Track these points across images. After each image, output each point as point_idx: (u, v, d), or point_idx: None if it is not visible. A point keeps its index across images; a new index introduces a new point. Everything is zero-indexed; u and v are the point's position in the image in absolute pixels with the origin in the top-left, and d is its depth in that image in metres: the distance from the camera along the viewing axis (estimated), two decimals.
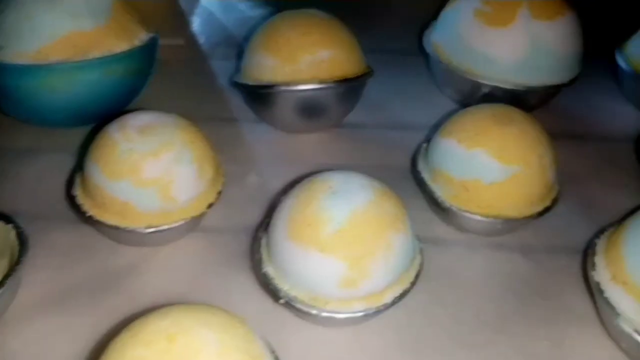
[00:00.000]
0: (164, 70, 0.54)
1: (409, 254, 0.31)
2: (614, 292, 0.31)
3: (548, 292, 0.36)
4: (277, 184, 0.43)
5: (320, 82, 0.42)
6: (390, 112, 0.52)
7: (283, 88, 0.42)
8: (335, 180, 0.31)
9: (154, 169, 0.34)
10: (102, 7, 0.43)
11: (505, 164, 0.35)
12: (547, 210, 0.37)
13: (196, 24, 0.66)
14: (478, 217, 0.36)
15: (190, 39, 0.64)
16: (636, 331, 0.29)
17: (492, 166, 0.35)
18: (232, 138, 0.49)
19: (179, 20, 0.67)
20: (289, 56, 0.42)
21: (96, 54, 0.42)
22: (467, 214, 0.36)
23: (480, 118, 0.36)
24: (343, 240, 0.29)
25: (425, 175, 0.39)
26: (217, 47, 0.62)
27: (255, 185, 0.44)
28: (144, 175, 0.33)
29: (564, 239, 0.40)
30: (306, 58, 0.42)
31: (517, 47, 0.44)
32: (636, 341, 0.29)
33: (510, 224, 0.36)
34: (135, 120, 0.35)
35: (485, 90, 0.46)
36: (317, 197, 0.30)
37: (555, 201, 0.38)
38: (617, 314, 0.30)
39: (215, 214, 0.40)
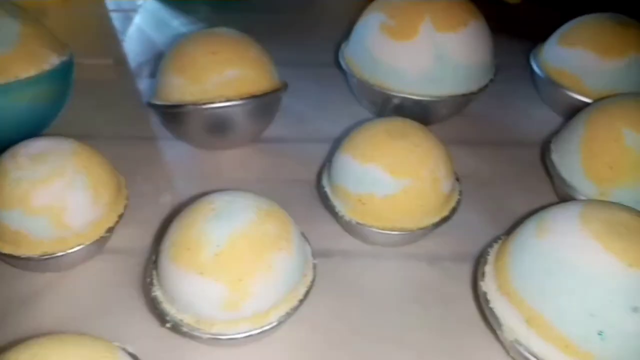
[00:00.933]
0: (87, 91, 0.54)
1: (295, 272, 0.31)
2: (499, 303, 0.31)
3: (452, 301, 0.37)
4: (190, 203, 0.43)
5: (227, 100, 0.42)
6: (310, 125, 0.52)
7: (190, 107, 0.42)
8: (219, 202, 0.31)
9: (44, 197, 0.34)
10: (7, 35, 0.43)
11: (396, 177, 0.35)
12: (444, 220, 0.37)
13: (127, 42, 0.66)
14: (375, 230, 0.36)
15: (120, 57, 0.63)
16: (517, 341, 0.30)
17: (384, 180, 0.35)
18: (150, 157, 0.49)
19: (110, 39, 0.67)
20: (196, 76, 0.42)
21: (1, 81, 0.42)
22: (364, 227, 0.37)
23: (374, 133, 0.37)
24: (222, 263, 0.29)
25: (328, 190, 0.39)
26: (145, 66, 0.62)
27: (168, 204, 0.44)
28: (34, 204, 0.33)
29: (470, 246, 0.40)
30: (213, 77, 0.42)
31: (422, 60, 0.44)
32: (519, 351, 0.30)
33: (407, 236, 0.37)
34: (28, 148, 0.35)
35: (396, 101, 0.46)
36: (198, 219, 0.31)
37: (454, 210, 0.38)
38: (500, 325, 0.30)
39: (124, 236, 0.40)
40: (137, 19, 0.71)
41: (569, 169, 0.40)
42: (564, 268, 0.28)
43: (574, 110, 0.44)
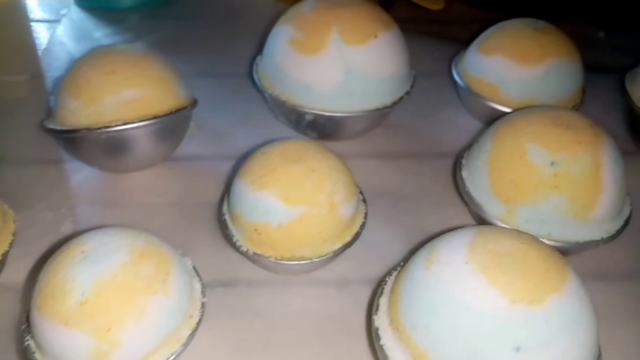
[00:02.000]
0: None
1: (175, 316, 0.30)
2: (389, 339, 0.30)
3: (353, 333, 0.35)
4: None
5: (125, 122, 0.40)
6: (227, 142, 0.50)
7: (83, 132, 0.40)
8: (91, 243, 0.29)
9: None
10: None
11: (291, 205, 0.34)
12: (346, 246, 0.36)
13: (45, 56, 0.63)
14: (272, 260, 0.35)
15: (35, 73, 0.60)
16: None
17: (278, 208, 0.34)
18: (55, 182, 0.46)
19: (27, 54, 0.64)
20: (91, 98, 0.40)
21: None
22: (262, 257, 0.35)
23: (269, 157, 0.35)
24: (87, 312, 0.27)
25: (227, 218, 0.37)
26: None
27: (70, 234, 0.42)
28: None
29: (380, 269, 0.39)
30: (109, 99, 0.40)
31: (331, 74, 0.43)
32: None
33: (307, 265, 0.35)
34: None
35: (308, 118, 0.45)
36: (66, 263, 0.29)
37: (357, 235, 0.37)
38: None
39: (17, 271, 0.38)
40: (59, 30, 0.67)
41: (477, 186, 0.39)
42: (448, 304, 0.27)
43: (494, 120, 0.43)
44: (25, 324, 0.31)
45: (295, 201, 0.34)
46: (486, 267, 0.27)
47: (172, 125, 0.43)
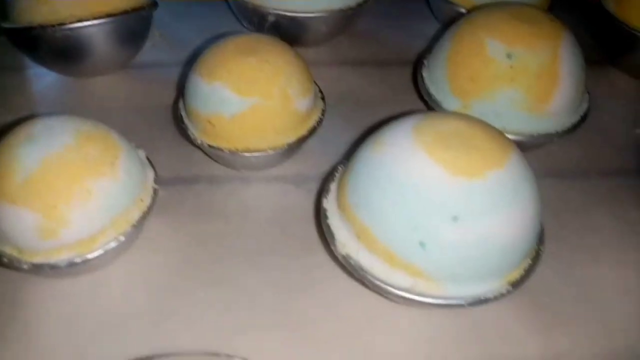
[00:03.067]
0: None
1: (123, 198, 0.30)
2: (335, 219, 0.30)
3: (312, 218, 0.36)
4: None
5: (79, 20, 0.39)
6: (189, 49, 0.49)
7: (37, 29, 0.39)
8: (38, 126, 0.29)
9: None
10: None
11: (242, 95, 0.33)
12: (302, 140, 0.36)
13: None
14: (227, 152, 0.35)
15: None
16: (347, 256, 0.29)
17: (230, 99, 0.34)
18: (15, 88, 0.46)
19: None
20: None
21: None
22: (215, 150, 0.35)
23: (222, 50, 0.35)
24: (33, 189, 0.27)
25: (183, 113, 0.37)
26: None
27: None
28: None
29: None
30: None
31: None
32: (351, 265, 0.29)
33: (262, 158, 0.35)
34: None
35: (271, 19, 0.44)
36: (12, 145, 0.29)
37: (313, 129, 0.37)
38: (334, 239, 0.30)
39: None
40: None
41: (436, 83, 0.39)
42: (391, 180, 0.27)
43: None
44: None
45: (247, 92, 0.33)
46: (429, 145, 0.27)
47: (129, 27, 0.42)
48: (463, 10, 0.46)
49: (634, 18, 0.43)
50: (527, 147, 0.38)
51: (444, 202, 0.26)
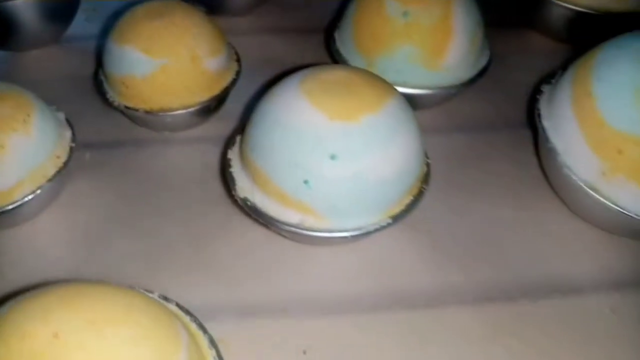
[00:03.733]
0: None
1: (37, 153, 0.32)
2: (237, 167, 0.33)
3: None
4: None
5: None
6: None
7: None
8: None
9: None
10: None
11: (152, 56, 0.36)
12: (215, 98, 0.38)
13: None
14: (142, 112, 0.37)
15: None
16: (246, 199, 0.31)
17: (140, 60, 0.36)
18: None
19: None
20: None
21: None
22: (131, 111, 0.37)
23: (133, 15, 0.37)
24: None
25: (102, 78, 0.39)
26: None
27: None
28: None
29: None
30: None
31: None
32: (250, 207, 0.31)
33: (179, 117, 0.38)
34: None
35: None
36: None
37: (226, 90, 0.39)
38: (234, 184, 0.32)
39: None
40: None
41: (345, 44, 0.41)
42: (276, 126, 0.30)
43: None
44: None
45: (155, 53, 0.36)
46: (311, 92, 0.30)
47: (57, 2, 0.44)
48: None
49: None
50: (429, 100, 0.41)
51: (323, 142, 0.29)
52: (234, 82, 0.40)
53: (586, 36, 0.40)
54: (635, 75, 0.30)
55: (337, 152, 0.29)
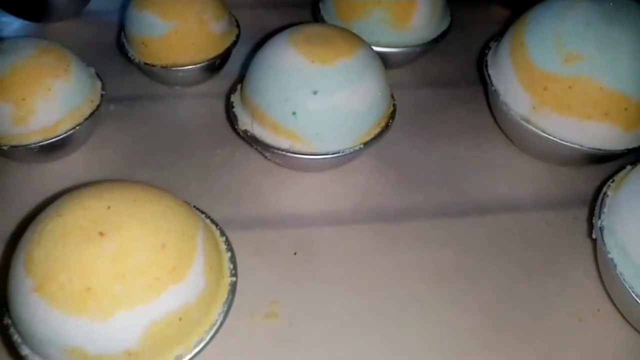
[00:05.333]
0: None
1: (76, 96, 0.40)
2: (238, 107, 0.40)
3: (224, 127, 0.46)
4: None
5: None
6: None
7: None
8: (7, 43, 0.39)
9: None
10: None
11: (167, 20, 0.43)
12: (219, 56, 0.46)
13: None
14: (159, 67, 0.45)
15: None
16: (247, 131, 0.39)
17: (157, 23, 0.43)
18: None
19: None
20: None
21: None
22: (149, 67, 0.45)
23: None
24: (7, 87, 0.37)
25: (125, 41, 0.47)
26: None
27: None
28: None
29: None
30: None
31: None
32: (250, 137, 0.39)
33: (190, 72, 0.45)
34: None
35: None
36: None
37: (229, 49, 0.47)
38: (236, 120, 0.40)
39: None
40: None
41: (327, 10, 0.49)
42: (269, 69, 0.38)
43: None
44: None
45: (170, 17, 0.43)
46: (297, 42, 0.38)
47: None
48: None
49: None
50: (398, 58, 0.48)
51: (307, 81, 0.37)
52: (234, 43, 0.47)
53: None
54: (556, 28, 0.38)
55: (318, 88, 0.36)
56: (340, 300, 0.35)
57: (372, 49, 0.40)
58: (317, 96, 0.36)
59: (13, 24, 0.56)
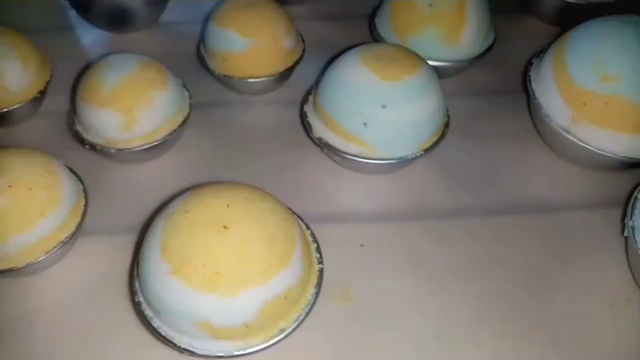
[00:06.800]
0: None
1: (172, 105, 0.46)
2: (312, 116, 0.46)
3: (296, 129, 0.52)
4: None
5: None
6: (203, 7, 0.64)
7: None
8: (113, 60, 0.45)
9: None
10: None
11: (246, 37, 0.49)
12: (288, 70, 0.52)
13: None
14: (238, 79, 0.51)
15: None
16: (321, 138, 0.45)
17: (238, 40, 0.49)
18: (68, 43, 0.61)
19: None
20: None
21: None
22: (229, 79, 0.51)
23: (230, 5, 0.50)
24: (117, 98, 0.43)
25: (204, 54, 0.53)
26: None
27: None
28: None
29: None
30: None
31: None
32: (323, 143, 0.45)
33: (264, 83, 0.51)
34: None
35: None
36: (98, 71, 0.44)
37: (296, 63, 0.52)
38: (311, 128, 0.46)
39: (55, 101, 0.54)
40: None
41: (384, 27, 0.54)
42: (342, 84, 0.43)
43: None
44: (71, 118, 0.47)
45: (250, 34, 0.49)
46: (367, 60, 0.43)
47: None
48: None
49: None
50: (449, 71, 0.54)
51: (377, 96, 0.42)
52: (301, 57, 0.53)
53: (574, 21, 0.53)
54: (594, 49, 0.43)
55: (387, 102, 0.42)
56: (403, 286, 0.41)
57: (430, 66, 0.45)
58: (386, 109, 0.42)
59: (91, 34, 0.62)
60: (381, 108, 0.42)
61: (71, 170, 0.42)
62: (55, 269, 0.41)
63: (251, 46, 0.49)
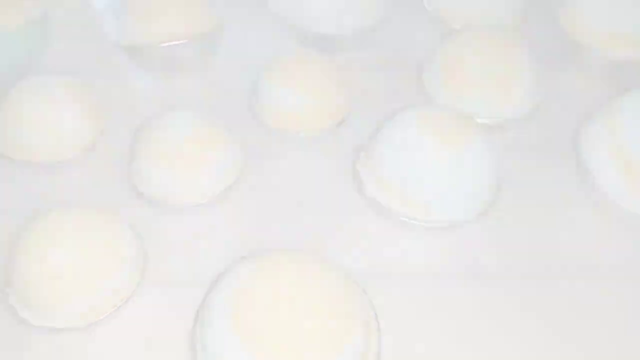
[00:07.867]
0: None
1: (225, 162, 0.47)
2: (367, 175, 0.47)
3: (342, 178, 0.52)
4: None
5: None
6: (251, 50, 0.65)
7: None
8: (170, 119, 0.47)
9: None
10: None
11: (299, 94, 0.51)
12: (339, 123, 0.53)
13: None
14: (290, 134, 0.52)
15: None
16: (374, 199, 0.46)
17: (290, 96, 0.51)
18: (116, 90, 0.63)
19: None
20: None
21: None
22: (276, 131, 0.52)
23: (284, 59, 0.52)
24: (176, 156, 0.45)
25: (254, 105, 0.54)
26: None
27: None
28: None
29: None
30: None
31: None
32: (375, 202, 0.46)
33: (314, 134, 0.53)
34: None
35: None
36: (155, 128, 0.46)
37: (342, 119, 0.53)
38: (363, 186, 0.46)
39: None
40: None
41: (433, 83, 0.55)
42: (399, 148, 0.45)
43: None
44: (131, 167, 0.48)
45: (303, 91, 0.51)
46: (426, 125, 0.45)
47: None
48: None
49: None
50: (495, 127, 0.54)
51: (437, 160, 0.44)
52: (349, 110, 0.54)
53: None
54: None
55: (447, 167, 0.43)
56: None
57: (485, 128, 0.46)
58: (446, 174, 0.43)
59: (143, 79, 0.63)
60: (441, 172, 0.43)
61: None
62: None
63: (305, 103, 0.50)
